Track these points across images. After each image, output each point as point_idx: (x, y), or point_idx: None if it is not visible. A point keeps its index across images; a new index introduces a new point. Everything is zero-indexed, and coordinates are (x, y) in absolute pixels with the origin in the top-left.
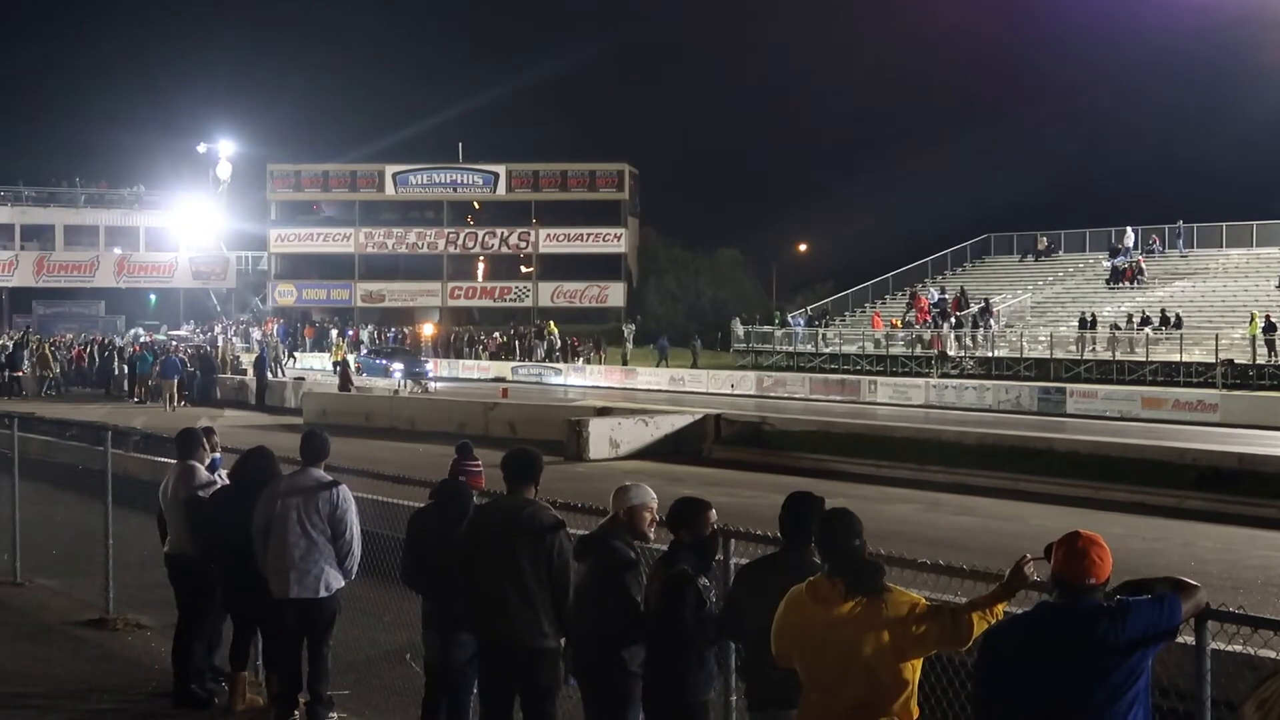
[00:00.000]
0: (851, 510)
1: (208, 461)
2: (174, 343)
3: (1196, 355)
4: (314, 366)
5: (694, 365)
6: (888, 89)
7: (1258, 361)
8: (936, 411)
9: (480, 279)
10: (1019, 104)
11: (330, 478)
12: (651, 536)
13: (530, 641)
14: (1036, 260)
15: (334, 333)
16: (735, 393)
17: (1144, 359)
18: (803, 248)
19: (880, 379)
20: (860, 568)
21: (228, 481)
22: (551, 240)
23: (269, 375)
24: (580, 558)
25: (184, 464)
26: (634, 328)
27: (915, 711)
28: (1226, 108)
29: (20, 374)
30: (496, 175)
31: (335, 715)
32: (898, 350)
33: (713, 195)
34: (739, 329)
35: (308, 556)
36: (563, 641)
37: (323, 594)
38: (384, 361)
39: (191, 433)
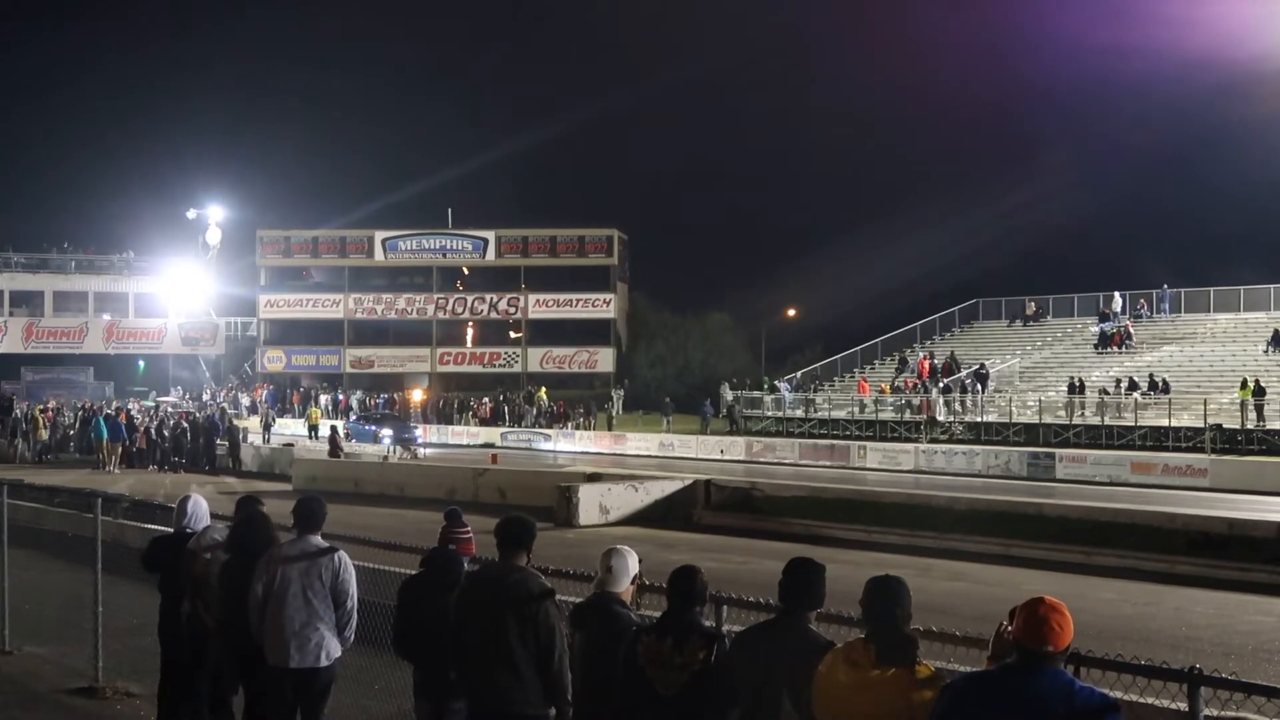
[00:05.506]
0: (901, 579)
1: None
2: (116, 406)
3: (1185, 420)
4: (295, 432)
5: (732, 430)
6: (875, 153)
7: (1247, 426)
8: (926, 477)
9: (469, 344)
10: (1005, 171)
11: (328, 544)
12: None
13: (518, 710)
14: (1025, 325)
15: (322, 398)
16: (724, 458)
17: (1133, 423)
18: (791, 312)
19: (869, 444)
20: (896, 638)
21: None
22: (541, 306)
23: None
24: (582, 625)
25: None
26: (623, 393)
27: None
28: (1214, 173)
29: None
30: (486, 241)
31: None
32: (887, 415)
33: (701, 260)
34: (728, 394)
35: (309, 625)
36: (553, 712)
37: (323, 663)
38: (373, 427)
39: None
